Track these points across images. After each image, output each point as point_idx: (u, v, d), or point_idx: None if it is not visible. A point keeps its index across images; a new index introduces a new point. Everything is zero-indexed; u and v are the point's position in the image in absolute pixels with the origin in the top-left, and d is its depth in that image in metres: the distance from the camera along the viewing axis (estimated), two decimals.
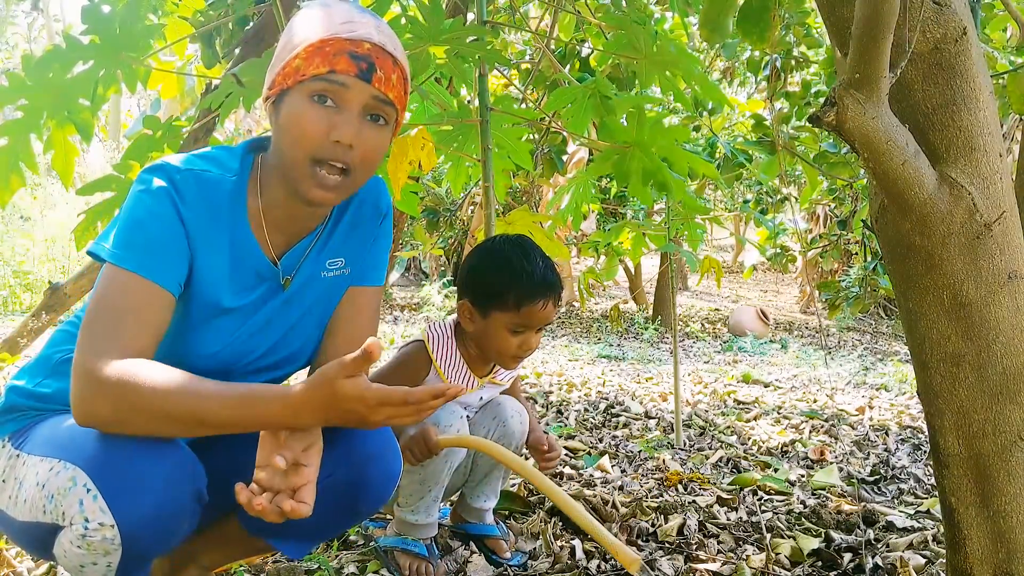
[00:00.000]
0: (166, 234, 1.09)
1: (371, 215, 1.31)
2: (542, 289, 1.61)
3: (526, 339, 1.65)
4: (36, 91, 1.75)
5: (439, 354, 1.72)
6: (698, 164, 2.22)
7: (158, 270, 1.07)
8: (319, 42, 1.06)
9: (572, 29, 3.57)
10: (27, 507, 1.07)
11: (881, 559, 1.79)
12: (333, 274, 1.27)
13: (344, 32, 1.07)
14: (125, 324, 1.05)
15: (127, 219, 1.09)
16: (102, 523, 0.98)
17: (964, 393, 1.21)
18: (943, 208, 1.17)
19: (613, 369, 5.11)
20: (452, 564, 1.74)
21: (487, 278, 1.65)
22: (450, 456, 1.64)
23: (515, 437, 1.75)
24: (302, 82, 1.07)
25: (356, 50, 1.07)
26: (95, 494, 0.99)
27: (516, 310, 1.61)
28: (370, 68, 1.08)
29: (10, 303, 6.62)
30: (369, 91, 1.09)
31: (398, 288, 10.34)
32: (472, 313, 1.68)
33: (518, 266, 1.62)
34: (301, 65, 1.07)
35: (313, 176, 1.09)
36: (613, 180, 3.22)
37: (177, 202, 1.10)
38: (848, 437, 3.18)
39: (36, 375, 1.22)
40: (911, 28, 1.15)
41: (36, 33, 17.22)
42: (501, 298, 1.62)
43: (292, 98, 1.09)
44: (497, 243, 1.72)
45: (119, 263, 1.07)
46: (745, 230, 12.13)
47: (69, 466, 1.03)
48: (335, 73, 1.06)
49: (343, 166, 1.10)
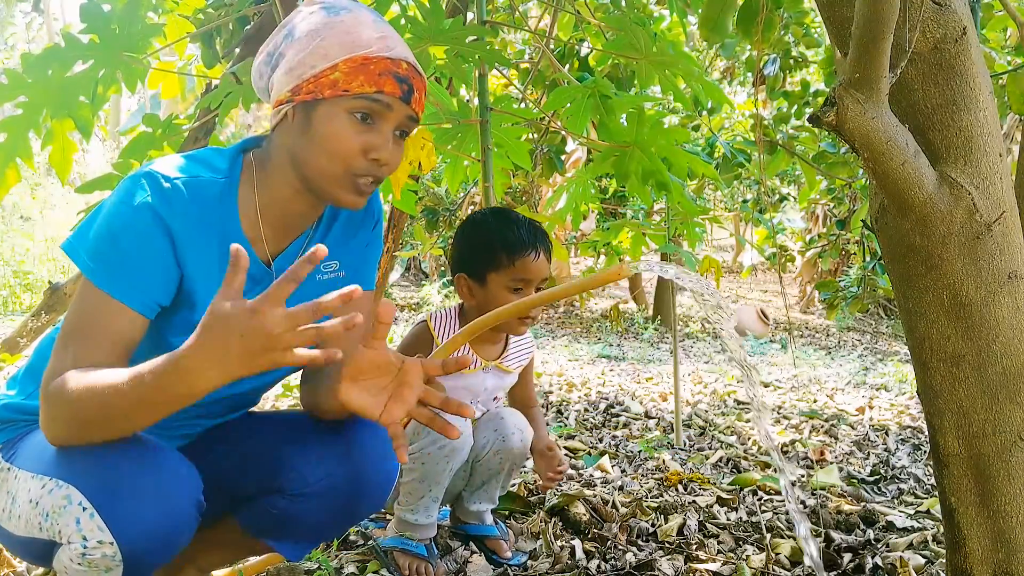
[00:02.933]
0: (145, 255, 1.06)
1: (364, 220, 1.31)
2: (529, 239, 1.68)
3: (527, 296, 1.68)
4: (36, 89, 1.75)
5: (441, 332, 1.74)
6: (697, 164, 2.22)
7: (132, 293, 1.05)
8: (362, 58, 1.07)
9: (571, 28, 3.57)
10: (22, 523, 1.07)
11: (881, 559, 1.79)
12: (327, 277, 1.27)
13: (385, 51, 1.09)
14: (90, 347, 1.03)
15: (105, 231, 1.05)
16: (101, 541, 0.98)
17: (964, 393, 1.20)
18: (943, 208, 1.16)
19: (613, 369, 5.11)
20: (452, 564, 1.74)
21: (476, 245, 1.71)
22: (451, 457, 1.64)
23: (514, 454, 1.75)
24: (342, 97, 1.08)
25: (398, 71, 1.09)
26: (91, 512, 0.98)
27: (511, 264, 1.66)
28: (410, 90, 1.11)
29: (10, 303, 6.62)
30: (407, 112, 1.12)
31: (398, 288, 10.34)
32: (470, 285, 1.72)
33: (502, 225, 1.70)
34: (341, 79, 1.07)
35: (352, 185, 1.11)
36: (612, 179, 3.22)
37: (164, 215, 1.06)
38: (848, 437, 3.18)
39: (27, 387, 1.21)
40: (911, 28, 1.14)
41: (35, 33, 17.21)
42: (494, 258, 1.67)
43: (329, 110, 1.08)
44: (477, 216, 1.80)
45: (94, 279, 1.05)
46: (745, 230, 12.14)
47: (62, 484, 1.02)
48: (382, 94, 1.08)
49: (373, 179, 1.13)
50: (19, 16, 17.09)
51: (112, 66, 1.78)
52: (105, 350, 1.03)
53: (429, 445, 1.63)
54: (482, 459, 1.76)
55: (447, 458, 1.63)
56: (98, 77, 1.79)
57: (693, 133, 4.77)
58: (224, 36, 2.66)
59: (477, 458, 1.76)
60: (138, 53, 1.79)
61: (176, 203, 1.08)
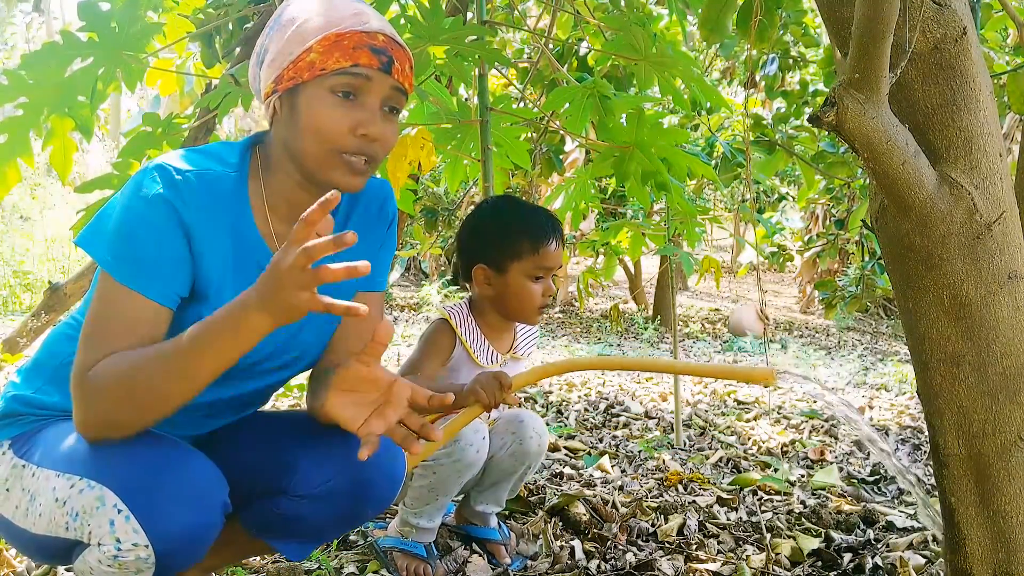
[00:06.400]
0: (163, 247, 1.06)
1: (378, 218, 1.30)
2: (551, 227, 1.68)
3: (546, 285, 1.69)
4: (36, 89, 1.75)
5: (463, 328, 1.73)
6: (697, 165, 2.22)
7: (154, 286, 1.06)
8: (335, 35, 1.06)
9: (570, 28, 3.57)
10: (43, 521, 1.06)
11: (881, 559, 1.79)
12: None
13: (358, 25, 1.08)
14: (118, 341, 1.04)
15: (121, 227, 1.06)
16: (136, 543, 0.98)
17: (964, 393, 1.20)
18: (943, 208, 1.16)
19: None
20: (451, 564, 1.74)
21: (497, 233, 1.68)
22: (463, 472, 1.64)
23: (530, 456, 1.75)
24: (321, 76, 1.07)
25: (374, 43, 1.08)
26: (127, 515, 0.98)
27: (534, 252, 1.65)
28: (389, 60, 1.09)
29: (10, 303, 6.61)
30: (389, 82, 1.10)
31: (398, 288, 10.33)
32: (489, 275, 1.69)
33: (522, 213, 1.70)
34: (317, 59, 1.06)
35: (343, 164, 1.10)
36: (612, 179, 3.23)
37: (178, 207, 1.07)
38: (848, 437, 3.18)
39: (35, 380, 1.20)
40: (911, 28, 1.14)
41: (35, 32, 17.20)
42: (516, 247, 1.65)
43: (311, 92, 1.08)
44: (490, 204, 1.79)
45: (114, 274, 1.05)
46: (745, 230, 12.13)
47: (94, 485, 1.01)
48: (359, 67, 1.07)
49: (367, 158, 1.11)
50: (19, 16, 17.08)
51: (112, 64, 1.78)
52: (132, 345, 1.04)
53: (444, 458, 1.61)
54: (496, 459, 1.74)
55: (459, 473, 1.63)
56: (98, 75, 1.79)
57: (692, 133, 4.77)
58: (224, 36, 2.66)
59: (492, 458, 1.74)
60: (138, 52, 1.79)
61: (188, 195, 1.08)
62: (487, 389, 1.45)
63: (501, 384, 1.45)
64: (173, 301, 1.08)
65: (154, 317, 1.06)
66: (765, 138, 3.75)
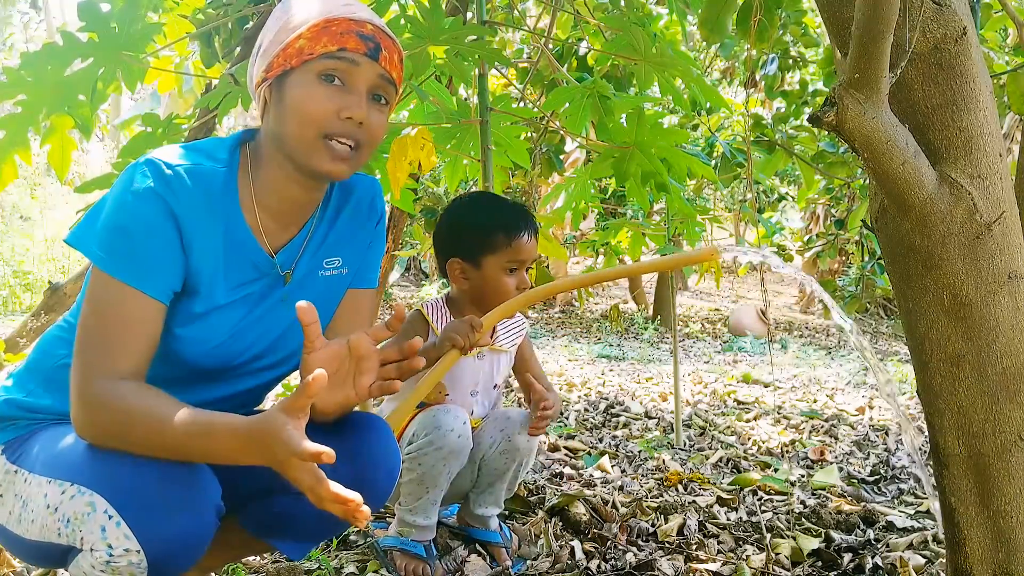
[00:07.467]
0: (155, 241, 1.06)
1: (367, 216, 1.30)
2: (524, 220, 1.70)
3: (521, 278, 1.70)
4: (35, 87, 1.75)
5: (436, 319, 1.75)
6: (696, 165, 2.21)
7: (148, 281, 1.06)
8: (324, 21, 1.07)
9: (570, 27, 3.57)
10: (36, 527, 1.06)
11: (881, 559, 1.79)
12: (330, 273, 1.26)
13: (347, 12, 1.09)
14: (118, 339, 1.04)
15: (113, 222, 1.05)
16: (128, 549, 0.98)
17: (964, 393, 1.20)
18: (943, 208, 1.16)
19: (613, 369, 5.10)
20: (451, 564, 1.74)
21: (471, 227, 1.71)
22: (448, 460, 1.64)
23: (520, 452, 1.75)
24: (308, 61, 1.08)
25: (362, 30, 1.09)
26: (118, 520, 0.98)
27: (508, 246, 1.67)
28: (376, 47, 1.10)
29: (10, 303, 6.61)
30: (376, 69, 1.11)
31: (398, 288, 10.33)
32: (464, 268, 1.72)
33: (496, 207, 1.73)
34: (306, 45, 1.07)
35: (326, 148, 1.09)
36: (612, 179, 3.23)
37: (169, 200, 1.06)
38: (848, 437, 3.18)
39: (27, 384, 1.20)
40: (911, 28, 1.14)
41: (33, 32, 17.19)
42: (491, 240, 1.67)
43: (298, 78, 1.09)
44: (465, 199, 1.82)
45: (108, 270, 1.05)
46: (745, 230, 12.13)
47: (85, 491, 1.01)
48: (345, 51, 1.08)
49: (353, 143, 1.11)
50: (17, 16, 17.07)
51: (112, 65, 1.78)
52: (129, 343, 1.04)
53: (426, 446, 1.62)
54: (488, 459, 1.76)
55: (444, 460, 1.63)
56: (98, 75, 1.79)
57: (692, 133, 4.77)
58: (223, 36, 2.66)
59: (483, 458, 1.76)
60: (137, 52, 1.78)
61: (179, 189, 1.08)
62: (460, 332, 1.46)
63: (472, 326, 1.47)
64: (167, 295, 1.08)
65: (148, 312, 1.06)
66: (765, 138, 3.75)
